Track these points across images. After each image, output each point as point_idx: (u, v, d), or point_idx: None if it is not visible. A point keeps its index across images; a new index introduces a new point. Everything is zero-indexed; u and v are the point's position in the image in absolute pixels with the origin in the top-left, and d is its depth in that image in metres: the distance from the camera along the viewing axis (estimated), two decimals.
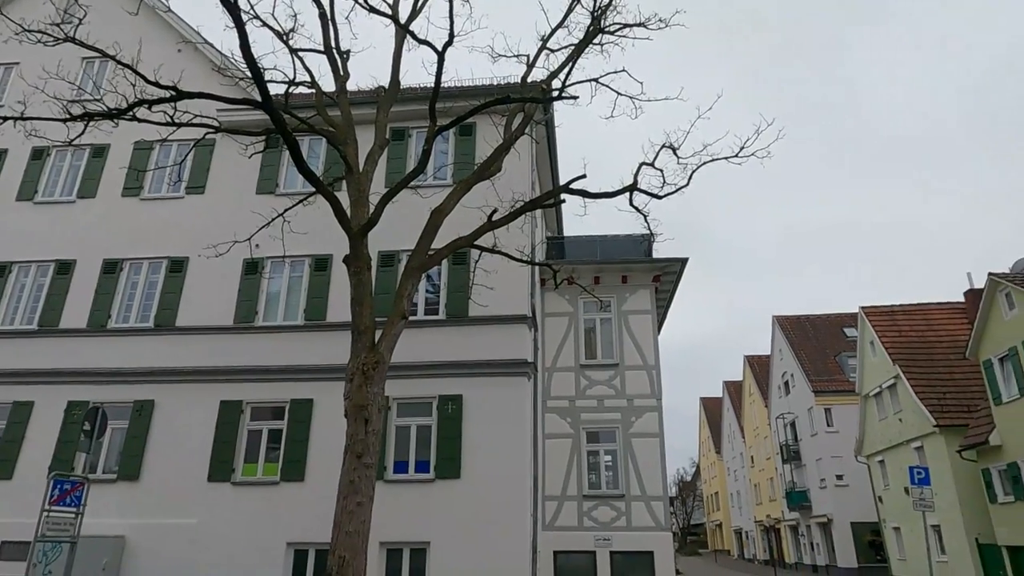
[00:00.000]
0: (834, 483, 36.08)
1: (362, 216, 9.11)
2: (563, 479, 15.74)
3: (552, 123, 15.50)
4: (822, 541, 38.15)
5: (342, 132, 9.94)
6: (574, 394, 16.48)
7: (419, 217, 10.17)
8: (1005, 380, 20.41)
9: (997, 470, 21.05)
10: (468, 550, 11.41)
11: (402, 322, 8.79)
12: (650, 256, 17.20)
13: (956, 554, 23.29)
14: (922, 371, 25.60)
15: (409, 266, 9.23)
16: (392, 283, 12.50)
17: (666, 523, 15.57)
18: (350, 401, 8.07)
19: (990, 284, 20.76)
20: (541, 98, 10.20)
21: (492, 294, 12.40)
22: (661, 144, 9.82)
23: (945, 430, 23.42)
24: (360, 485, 7.66)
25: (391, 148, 14.19)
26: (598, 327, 17.24)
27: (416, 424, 12.56)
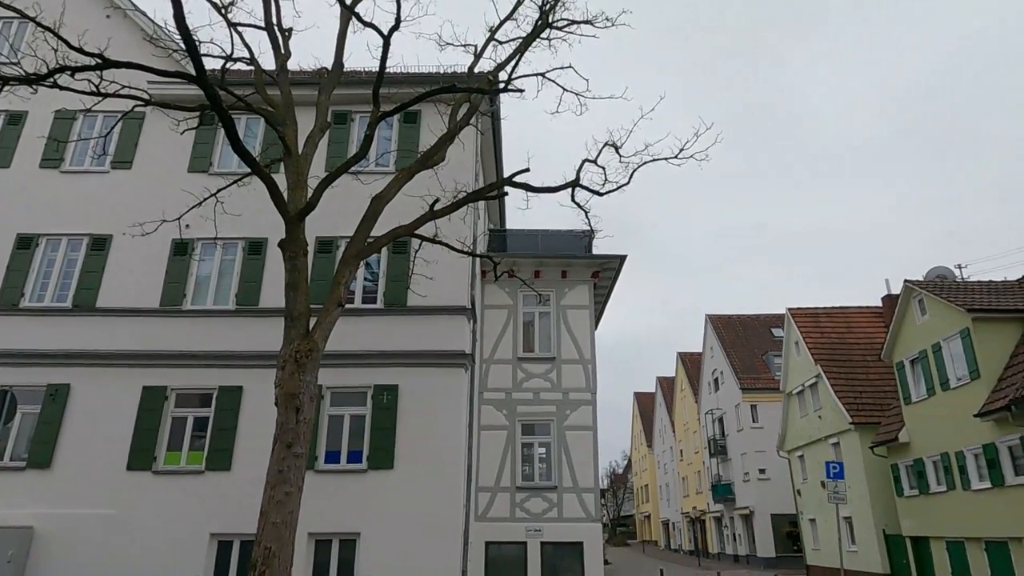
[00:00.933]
0: (757, 477, 37.62)
1: (300, 200, 8.86)
2: (497, 470, 15.83)
3: (498, 115, 15.49)
4: (744, 532, 39.75)
5: (281, 112, 9.64)
6: (511, 386, 16.57)
7: (359, 203, 9.99)
8: (915, 381, 21.69)
9: (904, 465, 22.38)
10: (399, 541, 11.35)
11: (338, 310, 8.62)
12: (590, 252, 17.46)
13: (865, 544, 24.68)
14: (841, 371, 26.96)
15: (347, 253, 9.05)
16: (329, 270, 12.27)
17: (596, 514, 15.89)
18: (281, 389, 7.87)
19: (905, 290, 21.98)
20: (487, 89, 10.16)
21: (432, 284, 12.33)
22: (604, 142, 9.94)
23: (860, 427, 24.74)
24: (289, 475, 7.49)
25: (332, 132, 13.89)
26: (537, 321, 17.38)
27: (350, 414, 12.38)
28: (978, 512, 18.74)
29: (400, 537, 11.38)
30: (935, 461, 20.65)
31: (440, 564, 11.34)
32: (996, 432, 17.84)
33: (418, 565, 11.21)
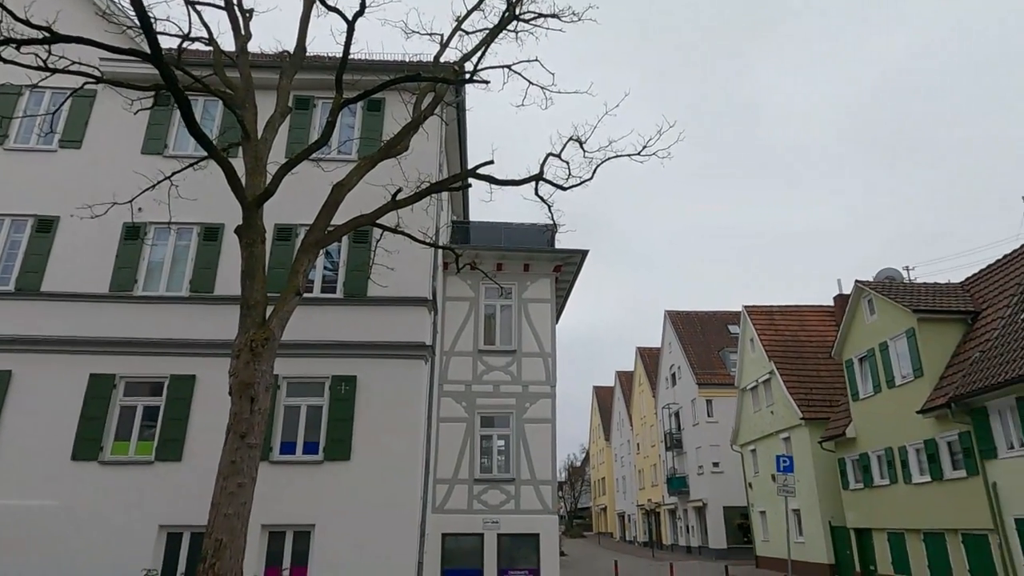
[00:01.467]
0: (711, 470, 38.45)
1: (258, 185, 8.68)
2: (455, 463, 15.82)
3: (463, 106, 15.40)
4: (697, 524, 40.61)
5: (240, 95, 9.41)
6: (471, 379, 16.56)
7: (320, 191, 9.84)
8: (863, 379, 22.43)
9: (851, 460, 23.16)
10: (355, 532, 11.26)
11: (296, 298, 8.48)
12: (552, 246, 17.52)
13: (812, 536, 25.48)
14: (793, 368, 27.72)
15: (306, 241, 8.91)
16: (288, 258, 12.05)
17: (553, 507, 16.02)
18: (236, 378, 7.71)
19: (856, 291, 22.69)
20: (453, 79, 10.10)
21: (393, 275, 12.22)
22: (568, 137, 10.00)
23: (809, 423, 25.49)
24: (242, 466, 7.36)
25: (294, 117, 13.62)
26: (498, 313, 17.38)
27: (307, 404, 12.20)
28: (918, 505, 19.52)
29: (356, 529, 11.29)
30: (879, 456, 21.41)
31: (396, 556, 11.30)
32: (936, 428, 18.59)
33: (374, 557, 11.14)
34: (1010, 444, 16.21)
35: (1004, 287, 19.29)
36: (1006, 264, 20.36)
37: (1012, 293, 18.55)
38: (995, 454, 16.55)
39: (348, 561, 11.08)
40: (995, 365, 16.53)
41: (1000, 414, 16.51)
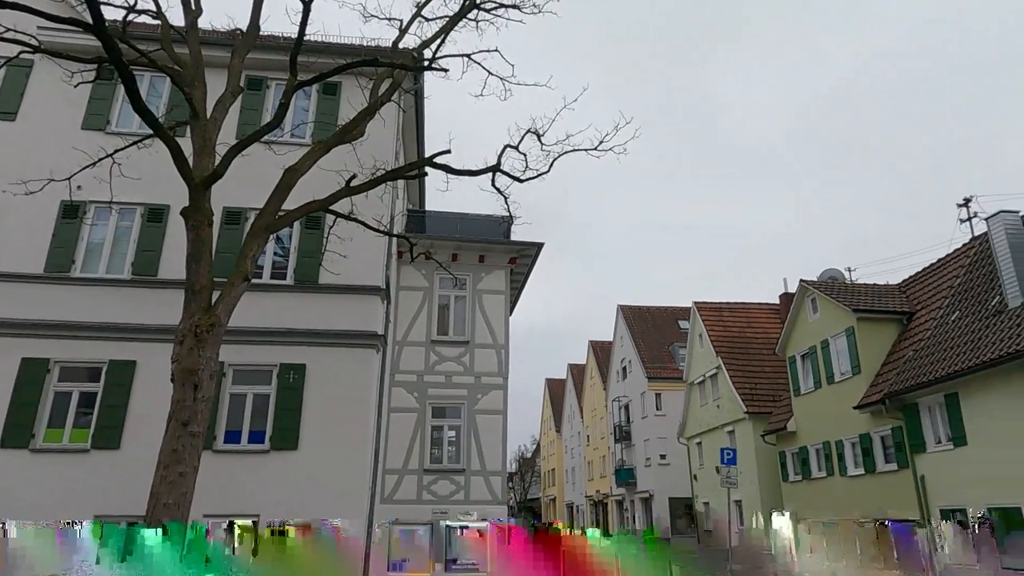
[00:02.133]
0: (658, 462, 39.27)
1: (206, 167, 8.42)
2: (405, 453, 15.73)
3: (421, 93, 15.23)
4: (643, 514, 41.45)
5: (189, 73, 9.09)
6: (423, 369, 16.47)
7: (271, 175, 9.59)
8: (804, 375, 23.23)
9: (791, 453, 23.98)
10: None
11: (244, 284, 8.28)
12: (508, 238, 17.51)
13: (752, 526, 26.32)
14: (740, 363, 28.51)
15: (256, 225, 8.69)
16: (236, 242, 11.72)
17: (503, 497, 16.11)
18: (178, 365, 7.50)
19: (800, 289, 23.44)
20: (411, 66, 9.98)
21: (345, 262, 12.03)
22: (527, 129, 10.00)
23: (753, 417, 26.29)
24: (184, 454, 7.17)
25: (245, 98, 13.23)
26: (452, 304, 17.32)
27: (253, 392, 11.95)
28: (852, 496, 20.36)
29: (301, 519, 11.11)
30: (818, 449, 22.23)
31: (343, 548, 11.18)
32: (871, 423, 19.40)
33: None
34: (938, 439, 17.04)
35: (937, 289, 20.21)
36: (939, 268, 21.33)
37: (944, 295, 19.45)
38: (924, 448, 17.37)
39: None
40: (926, 364, 17.32)
41: (930, 410, 17.33)
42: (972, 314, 17.37)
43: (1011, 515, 14.63)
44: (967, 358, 15.77)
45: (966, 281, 19.02)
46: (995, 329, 15.72)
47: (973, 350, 15.83)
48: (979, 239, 20.05)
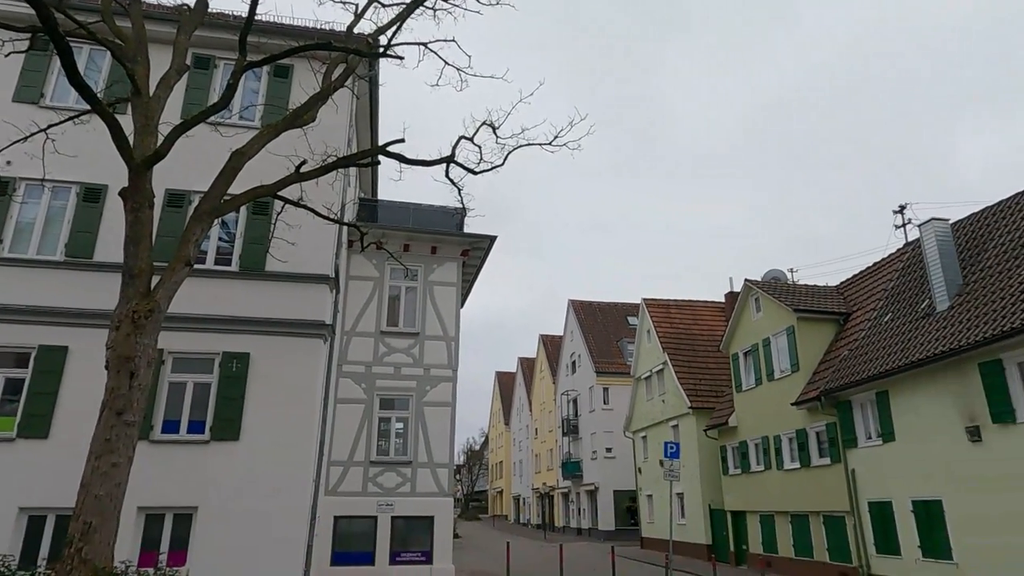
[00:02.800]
0: (604, 455, 39.89)
1: (148, 146, 8.08)
2: (351, 444, 15.56)
3: (376, 81, 14.99)
4: (588, 507, 42.07)
5: (131, 48, 8.70)
6: (371, 360, 16.30)
7: (217, 157, 9.30)
8: (746, 372, 23.92)
9: (731, 447, 24.69)
10: (241, 515, 10.84)
11: (186, 269, 8.00)
12: (461, 230, 17.46)
13: (693, 517, 27.03)
14: (685, 359, 29.18)
15: (200, 209, 8.41)
16: (179, 226, 11.32)
17: (449, 489, 16.10)
18: (114, 351, 7.20)
19: (745, 289, 24.11)
20: (366, 52, 9.78)
21: (293, 250, 11.77)
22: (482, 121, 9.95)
23: (696, 411, 26.96)
24: (117, 444, 6.90)
25: (192, 76, 12.79)
26: (403, 295, 17.17)
27: (194, 381, 11.60)
28: (788, 489, 21.11)
29: (242, 511, 10.87)
30: (757, 444, 22.96)
31: (284, 539, 11.00)
32: (808, 419, 20.13)
33: (260, 540, 10.79)
34: (868, 435, 17.81)
35: (872, 292, 21.09)
36: (875, 271, 22.26)
37: (879, 298, 20.31)
38: (855, 444, 18.14)
39: (232, 545, 10.67)
40: (860, 363, 18.07)
41: (862, 407, 18.10)
42: (903, 316, 18.20)
43: (931, 507, 15.43)
44: (897, 358, 16.51)
45: (899, 285, 19.90)
46: (923, 331, 16.51)
47: (903, 351, 16.59)
48: (912, 245, 21.00)
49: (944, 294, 16.70)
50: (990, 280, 15.59)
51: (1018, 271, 14.82)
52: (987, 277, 15.83)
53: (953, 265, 17.08)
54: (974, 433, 14.27)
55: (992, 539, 13.78)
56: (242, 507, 10.91)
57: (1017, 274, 14.75)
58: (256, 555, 10.69)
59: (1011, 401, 13.52)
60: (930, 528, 15.45)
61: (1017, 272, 14.82)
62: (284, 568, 10.88)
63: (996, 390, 13.84)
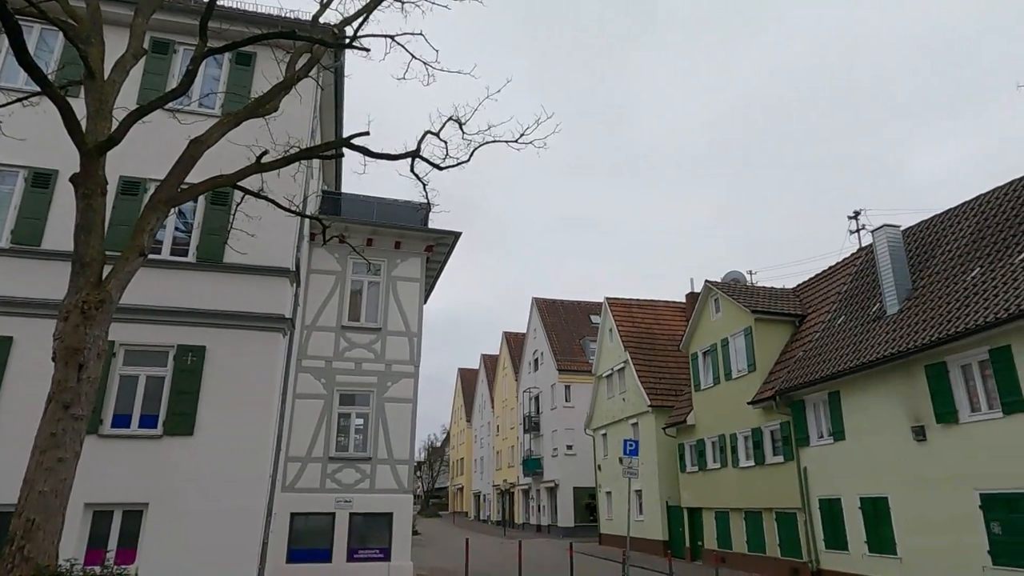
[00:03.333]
0: (564, 452, 40.17)
1: (101, 131, 7.82)
2: (310, 440, 15.36)
3: (341, 72, 14.80)
4: (548, 503, 42.32)
5: (85, 28, 8.39)
6: (332, 355, 16.11)
7: (175, 145, 9.04)
8: (705, 371, 24.36)
9: (689, 445, 25.12)
10: (194, 512, 10.60)
11: (140, 259, 7.76)
12: (426, 225, 17.37)
13: (651, 514, 27.43)
14: (646, 358, 29.55)
15: (156, 197, 8.16)
16: (133, 214, 10.98)
17: (409, 486, 16.02)
18: (62, 342, 6.95)
19: (705, 290, 24.54)
20: (331, 42, 9.63)
21: (253, 241, 11.54)
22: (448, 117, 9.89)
23: (656, 410, 27.35)
24: (64, 439, 6.66)
25: (149, 61, 12.43)
26: (365, 289, 17.01)
27: (146, 374, 11.30)
28: (743, 486, 21.58)
29: (195, 508, 10.64)
30: (714, 442, 23.40)
31: (238, 536, 10.80)
32: (763, 418, 20.60)
33: (213, 537, 10.57)
34: (820, 434, 18.32)
35: (827, 295, 21.68)
36: (830, 274, 22.89)
37: (833, 301, 20.89)
38: (808, 442, 18.64)
39: (184, 542, 10.43)
40: (814, 364, 18.57)
41: (815, 407, 18.60)
42: (855, 319, 18.75)
43: (878, 504, 15.96)
44: (848, 360, 17.02)
45: (852, 288, 20.50)
46: (874, 334, 17.04)
47: (854, 352, 17.10)
48: (865, 250, 21.65)
49: (894, 298, 17.26)
50: (937, 285, 16.18)
51: (963, 277, 15.41)
52: (935, 282, 16.42)
53: (903, 270, 17.67)
54: (919, 433, 14.80)
55: (933, 534, 14.33)
56: (195, 503, 10.68)
57: (962, 280, 15.34)
58: (209, 552, 10.47)
59: (954, 402, 14.06)
60: (876, 524, 15.98)
61: (962, 278, 15.41)
62: (238, 566, 10.69)
63: (940, 392, 14.38)
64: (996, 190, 17.14)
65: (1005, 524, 12.79)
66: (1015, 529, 12.58)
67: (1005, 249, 14.85)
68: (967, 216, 17.45)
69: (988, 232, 16.02)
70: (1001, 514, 12.88)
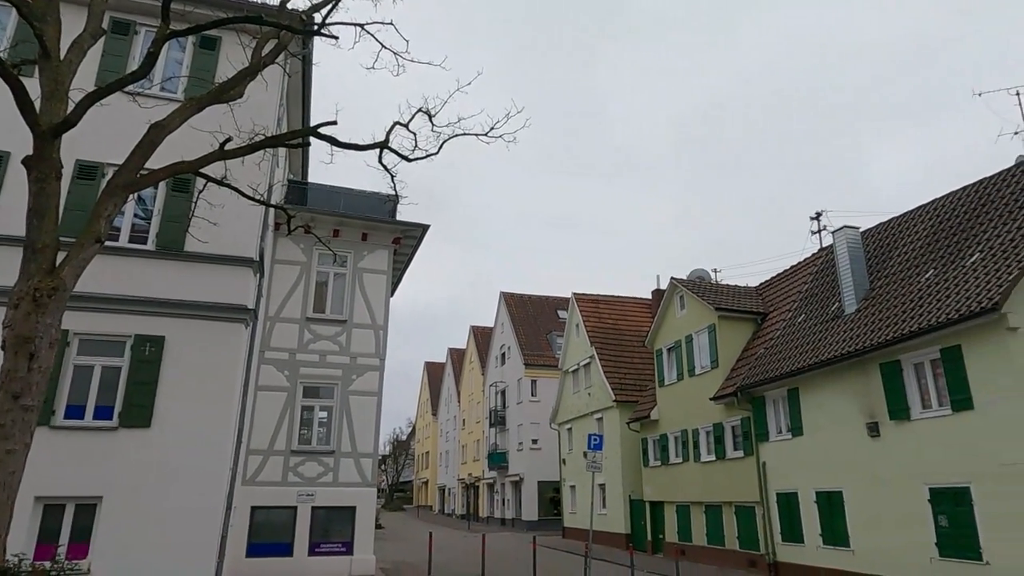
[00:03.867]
0: (530, 446, 40.37)
1: (56, 113, 7.55)
2: (272, 433, 15.16)
3: (310, 59, 14.56)
4: (512, 497, 42.50)
5: (40, 5, 8.08)
6: (296, 347, 15.91)
7: (135, 129, 8.80)
8: (669, 367, 24.69)
9: (652, 440, 25.46)
10: (150, 506, 10.38)
11: (96, 246, 7.53)
12: (394, 217, 17.24)
13: (613, 508, 27.75)
14: (612, 354, 29.83)
15: (114, 183, 7.91)
16: (90, 199, 10.67)
17: (373, 480, 15.93)
18: (11, 331, 6.71)
19: (670, 287, 24.85)
20: (299, 29, 9.45)
21: (216, 230, 11.30)
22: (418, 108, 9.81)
23: (621, 405, 27.64)
24: (13, 430, 6.44)
25: (109, 42, 12.08)
26: (331, 281, 16.82)
27: (102, 364, 11.00)
28: (704, 481, 21.97)
29: (151, 502, 10.41)
30: (677, 437, 23.75)
31: (196, 530, 10.60)
32: (725, 414, 20.98)
33: (170, 532, 10.36)
34: (779, 429, 18.74)
35: (788, 293, 22.15)
36: (791, 274, 23.39)
37: (794, 299, 21.35)
38: (767, 437, 19.05)
39: (140, 536, 10.21)
40: (774, 361, 18.97)
41: (774, 403, 19.01)
42: (815, 318, 19.20)
43: (833, 498, 16.40)
44: (808, 357, 17.42)
45: (812, 287, 20.98)
46: (833, 332, 17.48)
47: (813, 350, 17.51)
48: (826, 250, 22.16)
49: (852, 298, 17.72)
50: (893, 286, 16.66)
51: (918, 279, 15.89)
52: (891, 283, 16.90)
53: (861, 271, 18.15)
54: (873, 429, 15.24)
55: (884, 527, 14.79)
56: (152, 497, 10.45)
57: (916, 281, 15.81)
58: (166, 547, 10.27)
59: (907, 399, 14.51)
60: (831, 517, 16.43)
61: (917, 279, 15.89)
62: (196, 560, 10.50)
63: (894, 389, 14.83)
64: (951, 194, 17.70)
65: (951, 517, 13.27)
66: (960, 522, 13.06)
67: (958, 252, 15.35)
68: (923, 219, 17.99)
69: (943, 235, 16.54)
70: (948, 508, 13.36)
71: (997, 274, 13.11)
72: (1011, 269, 12.82)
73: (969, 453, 12.94)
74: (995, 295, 12.47)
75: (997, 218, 15.02)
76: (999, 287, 12.60)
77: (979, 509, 12.71)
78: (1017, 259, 13.00)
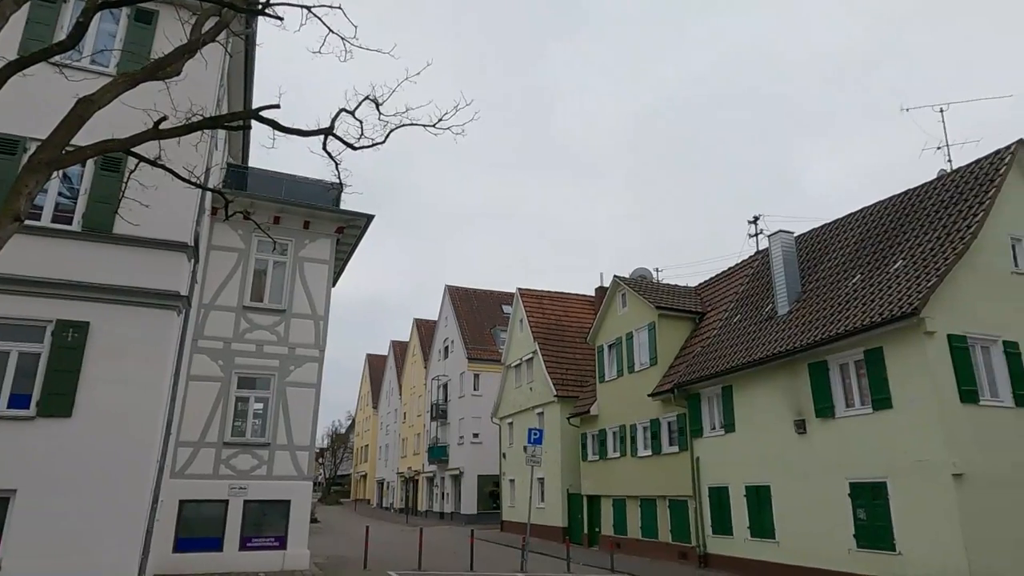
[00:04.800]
0: (471, 440, 40.39)
1: None
2: (204, 424, 14.69)
3: (253, 39, 14.11)
4: (452, 491, 42.46)
5: None
6: (231, 336, 15.44)
7: (61, 103, 8.32)
8: (609, 363, 25.11)
9: (591, 435, 25.86)
10: (69, 499, 9.88)
11: (14, 225, 7.10)
12: (337, 206, 16.90)
13: (551, 502, 28.07)
14: (554, 349, 30.13)
15: (36, 158, 7.48)
16: (9, 176, 10.06)
17: (309, 473, 15.63)
18: None
19: (613, 284, 25.26)
20: (241, 7, 9.12)
21: (148, 212, 10.81)
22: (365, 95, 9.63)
23: (562, 400, 27.95)
24: None
25: (35, 10, 11.41)
26: (270, 269, 16.38)
27: (19, 350, 10.40)
28: (640, 475, 22.46)
29: (71, 495, 9.92)
30: (615, 432, 24.19)
31: (119, 525, 10.16)
32: (662, 410, 21.49)
33: (90, 526, 9.90)
34: (713, 426, 19.32)
35: (725, 294, 22.83)
36: (729, 275, 24.11)
37: (731, 300, 22.03)
38: (701, 433, 19.62)
39: (58, 530, 9.73)
40: (710, 359, 19.53)
41: (709, 400, 19.59)
42: (750, 318, 19.86)
43: (761, 492, 17.04)
44: (741, 356, 18.02)
45: (748, 289, 21.69)
46: (766, 332, 18.12)
47: (747, 350, 18.12)
48: (762, 253, 22.94)
49: (785, 300, 18.40)
50: (823, 289, 17.38)
51: (846, 283, 16.63)
52: (821, 286, 17.63)
53: (794, 274, 18.87)
54: (800, 426, 15.90)
55: (808, 519, 15.46)
56: (71, 490, 9.96)
57: (845, 285, 16.55)
58: (85, 542, 9.81)
59: (832, 398, 15.19)
60: (759, 511, 17.06)
61: (845, 284, 16.63)
62: (118, 555, 10.07)
63: (820, 388, 15.50)
64: (878, 204, 18.57)
65: (868, 510, 13.98)
66: (876, 515, 13.79)
67: (883, 259, 16.13)
68: (853, 226, 18.82)
69: (870, 242, 17.35)
70: (866, 501, 14.08)
71: (917, 281, 13.85)
72: (930, 276, 13.56)
73: (887, 449, 13.66)
74: (915, 301, 13.17)
75: (919, 228, 15.85)
76: (919, 293, 13.32)
77: (894, 503, 13.44)
78: (936, 267, 13.76)
